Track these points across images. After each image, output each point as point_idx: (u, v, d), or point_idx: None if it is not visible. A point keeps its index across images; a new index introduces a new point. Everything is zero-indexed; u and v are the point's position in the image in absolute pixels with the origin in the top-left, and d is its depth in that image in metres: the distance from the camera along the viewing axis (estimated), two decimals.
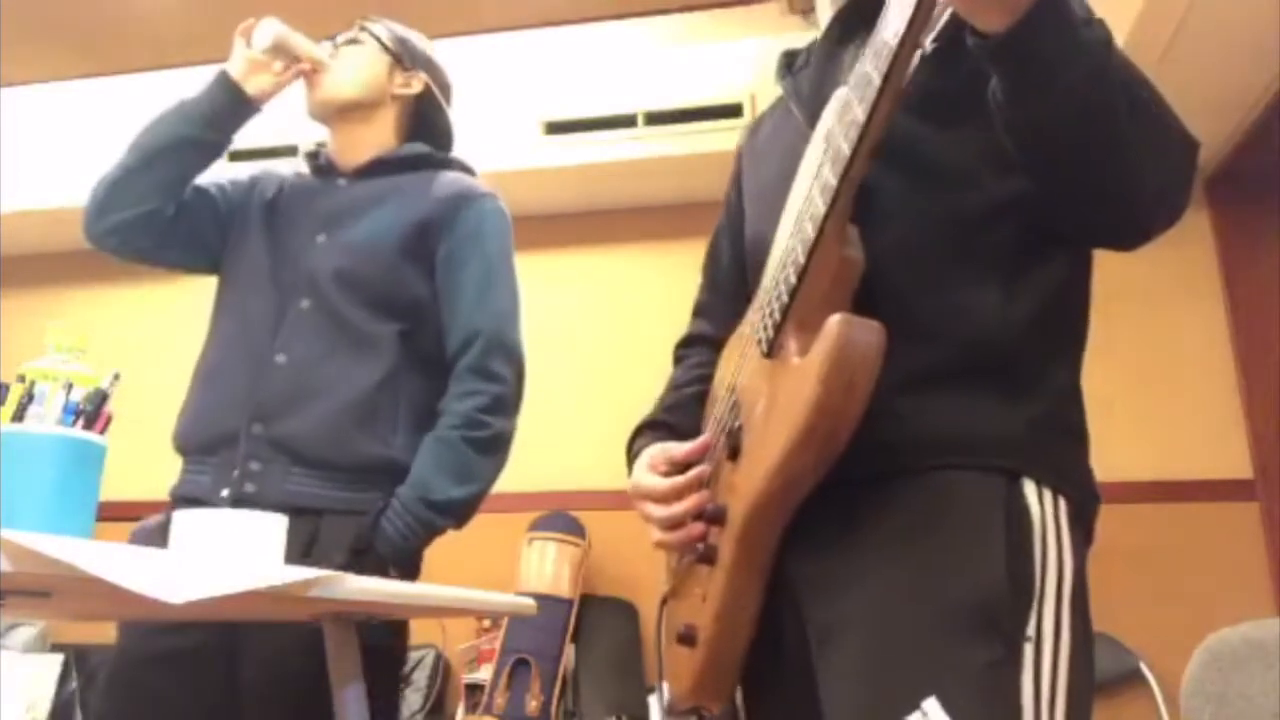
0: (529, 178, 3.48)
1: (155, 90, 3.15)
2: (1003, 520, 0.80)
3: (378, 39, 1.66)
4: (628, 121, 3.32)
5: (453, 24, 2.99)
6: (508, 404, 1.54)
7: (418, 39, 1.73)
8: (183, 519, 0.95)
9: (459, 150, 1.82)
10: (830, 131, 0.83)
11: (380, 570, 1.39)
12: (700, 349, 1.19)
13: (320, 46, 1.64)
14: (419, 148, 1.68)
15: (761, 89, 3.21)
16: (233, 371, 1.51)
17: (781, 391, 0.83)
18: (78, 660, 3.16)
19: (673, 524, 0.96)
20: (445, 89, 1.77)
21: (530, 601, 1.38)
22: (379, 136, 1.66)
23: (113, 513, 1.49)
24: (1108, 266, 0.97)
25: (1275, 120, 2.74)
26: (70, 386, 0.93)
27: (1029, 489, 0.82)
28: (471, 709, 3.08)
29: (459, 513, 1.48)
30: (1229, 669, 1.58)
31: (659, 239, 3.68)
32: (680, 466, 0.99)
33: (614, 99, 3.33)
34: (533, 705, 2.97)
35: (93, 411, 0.92)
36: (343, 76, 1.62)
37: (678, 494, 0.96)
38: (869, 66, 0.75)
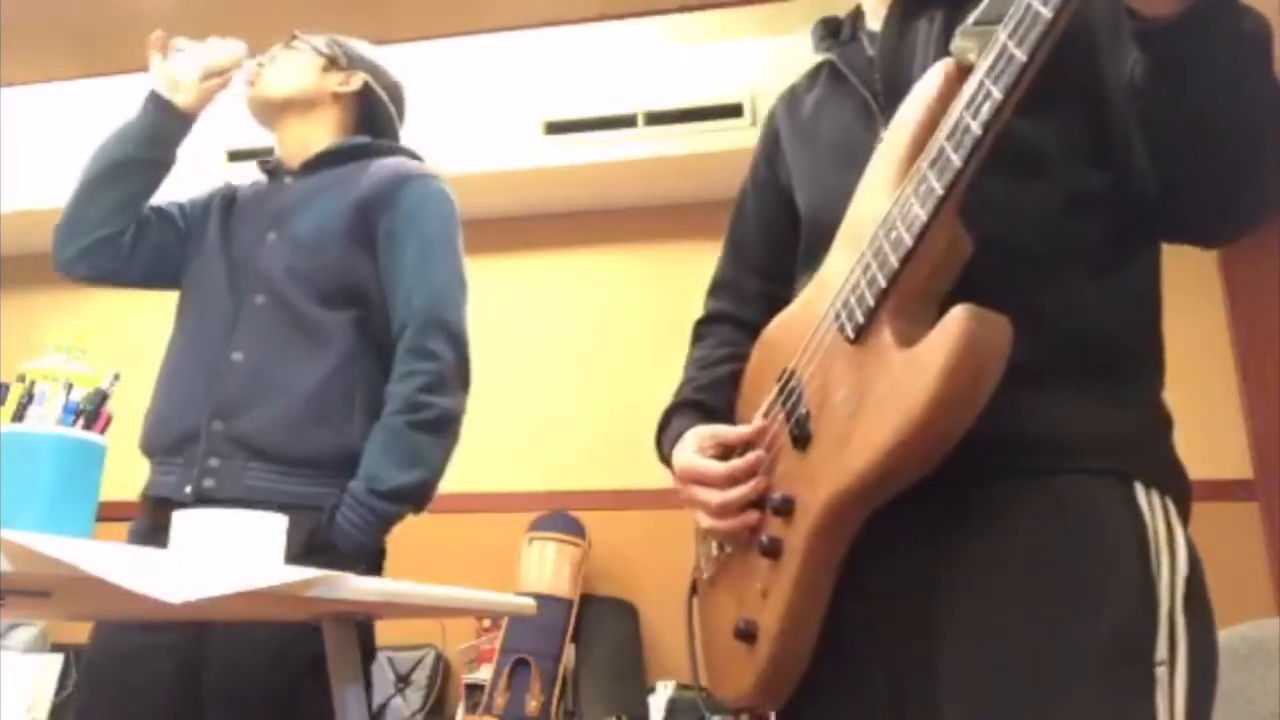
0: (529, 178, 3.48)
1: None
2: (1129, 533, 0.77)
3: (311, 45, 1.68)
4: (628, 121, 3.31)
5: (453, 24, 2.99)
6: (449, 382, 1.52)
7: (358, 44, 1.74)
8: (183, 519, 0.95)
9: (459, 150, 1.81)
10: (930, 115, 0.80)
11: (339, 566, 1.39)
12: (723, 327, 1.14)
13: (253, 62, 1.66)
14: (360, 139, 1.68)
15: (762, 89, 3.21)
16: (192, 372, 1.53)
17: (881, 382, 0.78)
18: (78, 660, 3.16)
19: (726, 511, 0.91)
20: (392, 89, 1.74)
21: (530, 601, 1.38)
22: (322, 134, 1.66)
23: (113, 513, 1.49)
24: None
25: None
26: (70, 386, 0.93)
27: (1140, 493, 0.79)
28: (471, 709, 3.08)
29: (412, 497, 1.48)
30: (1229, 669, 1.58)
31: (659, 239, 3.68)
32: (731, 450, 0.94)
33: (614, 99, 3.32)
34: (533, 705, 2.97)
35: (93, 411, 0.92)
36: (276, 75, 1.65)
37: (733, 479, 0.91)
38: (1008, 39, 0.70)
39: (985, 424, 0.75)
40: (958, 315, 0.72)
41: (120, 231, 1.62)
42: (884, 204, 0.82)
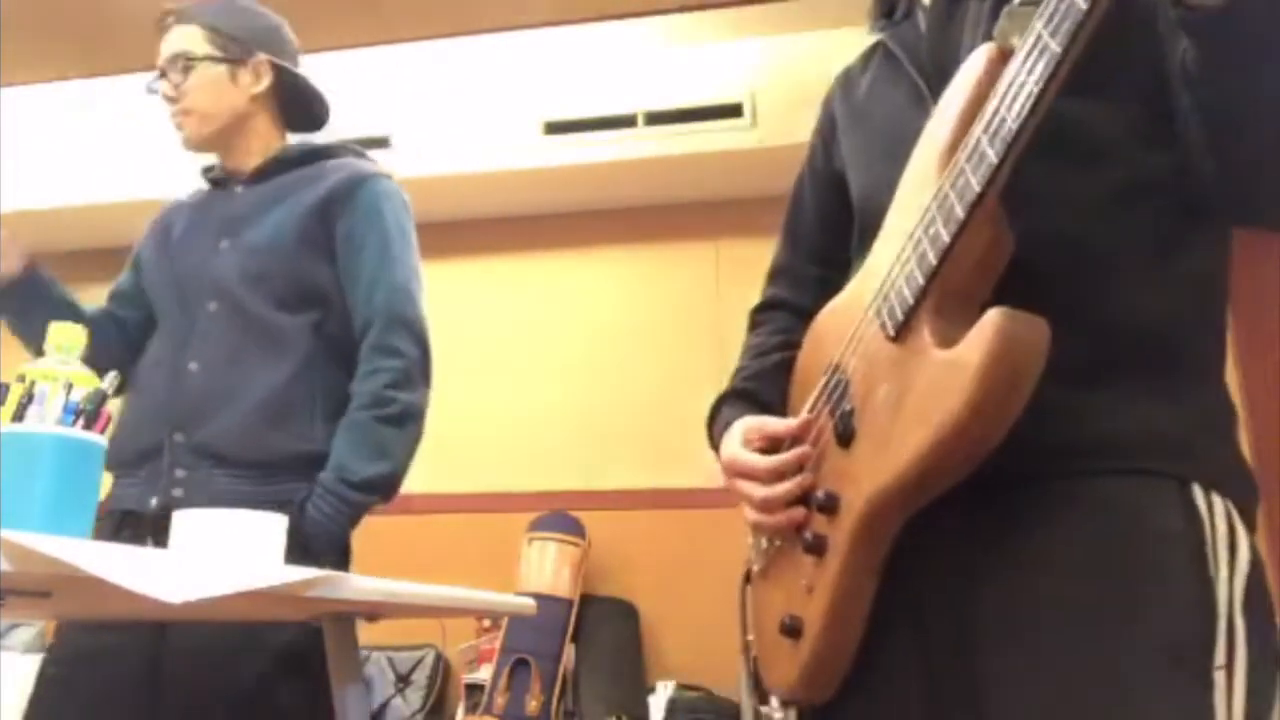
0: (529, 178, 3.48)
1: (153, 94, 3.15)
2: (1183, 538, 0.75)
3: (206, 56, 1.60)
4: (628, 121, 3.31)
5: (453, 24, 2.99)
6: (413, 377, 1.55)
7: (236, 13, 1.65)
8: (183, 519, 0.95)
9: (459, 150, 1.81)
10: (973, 102, 0.78)
11: (312, 560, 1.40)
12: (779, 314, 1.12)
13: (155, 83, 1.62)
14: (308, 143, 1.69)
15: (762, 89, 3.21)
16: (151, 385, 1.54)
17: (920, 382, 0.77)
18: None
19: (770, 506, 0.91)
20: (286, 47, 1.69)
21: (530, 601, 1.38)
22: (262, 139, 1.66)
23: None
24: None
25: None
26: (70, 386, 0.92)
27: (1198, 497, 0.77)
28: (471, 709, 3.08)
29: (381, 488, 1.50)
30: None
31: (659, 239, 3.68)
32: (777, 443, 0.93)
33: (614, 99, 3.32)
34: (533, 705, 2.97)
35: (93, 411, 0.92)
36: (196, 115, 1.61)
37: (779, 474, 0.90)
38: (1043, 29, 0.68)
39: (1035, 425, 0.73)
40: (993, 317, 0.70)
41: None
42: (926, 196, 0.80)
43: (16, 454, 0.85)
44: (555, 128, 3.37)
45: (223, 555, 0.92)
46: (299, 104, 1.71)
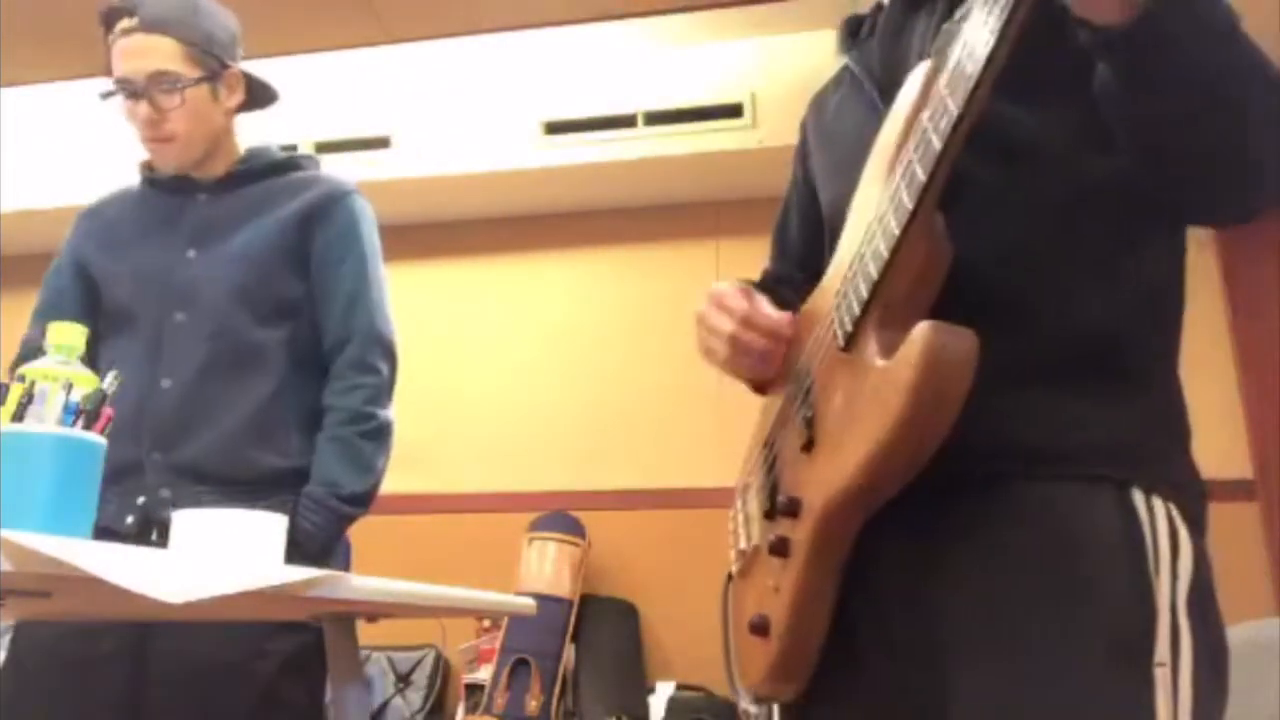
0: (529, 178, 3.48)
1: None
2: (1120, 539, 0.76)
3: (196, 80, 1.53)
4: (628, 121, 3.31)
5: (453, 24, 2.99)
6: (385, 394, 1.58)
7: (203, 19, 1.56)
8: (183, 519, 0.95)
9: (459, 150, 1.81)
10: (911, 115, 0.79)
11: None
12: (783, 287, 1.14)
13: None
14: (272, 154, 1.67)
15: (762, 89, 3.21)
16: (120, 398, 1.51)
17: (862, 392, 0.79)
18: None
19: (741, 349, 0.96)
20: (236, 40, 1.62)
21: (530, 601, 1.38)
22: (228, 148, 1.64)
23: None
24: None
25: None
26: (70, 386, 0.92)
27: (1138, 499, 0.78)
28: (471, 709, 3.08)
29: (365, 502, 1.53)
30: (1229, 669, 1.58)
31: (659, 239, 3.68)
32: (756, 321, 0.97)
33: (614, 99, 3.33)
34: (533, 705, 2.97)
35: (93, 411, 0.92)
36: (183, 140, 1.55)
37: (750, 322, 0.96)
38: (962, 53, 0.70)
39: (979, 430, 0.75)
40: (921, 331, 0.72)
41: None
42: (872, 210, 0.83)
43: (16, 454, 0.85)
44: (555, 128, 3.37)
45: (223, 555, 0.92)
46: (255, 100, 1.68)
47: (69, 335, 0.97)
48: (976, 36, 0.68)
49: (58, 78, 3.30)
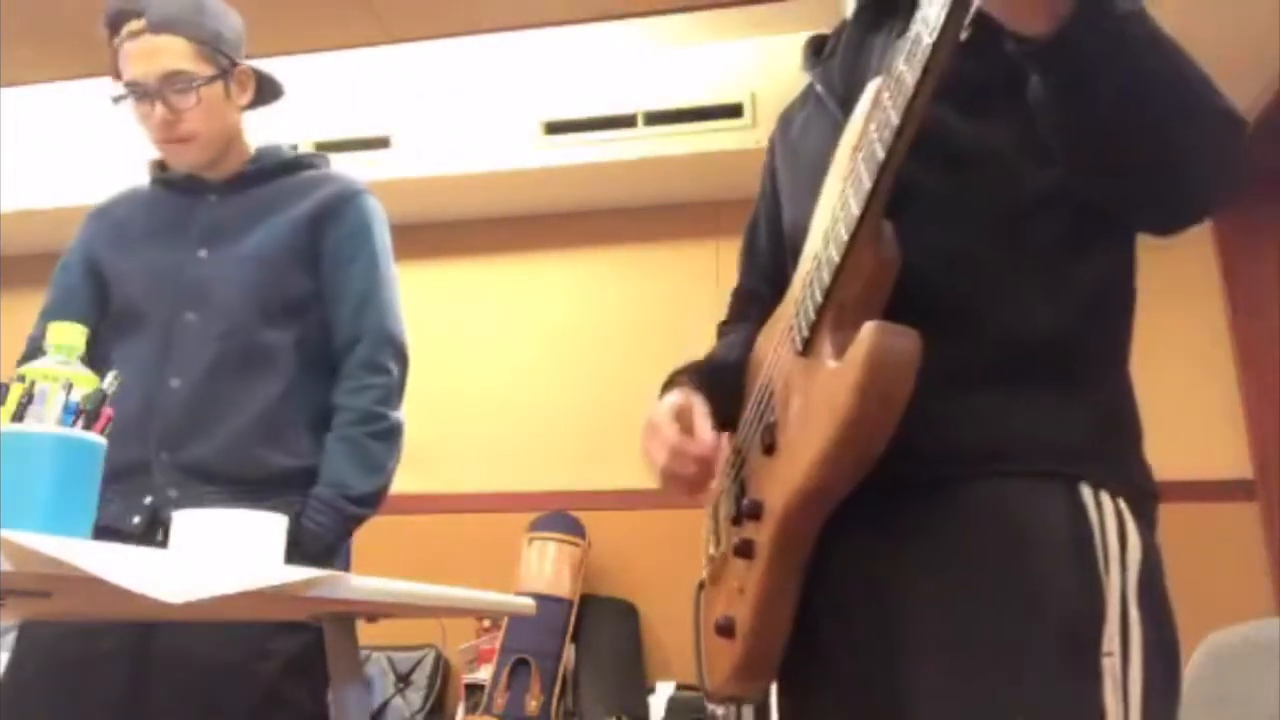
0: (529, 178, 3.48)
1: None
2: (1067, 533, 0.78)
3: (209, 78, 1.52)
4: (628, 121, 3.32)
5: (453, 24, 2.99)
6: (396, 394, 1.57)
7: (212, 18, 1.55)
8: (183, 519, 0.95)
9: (459, 150, 1.80)
10: (863, 128, 0.81)
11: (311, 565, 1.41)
12: (739, 324, 1.18)
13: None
14: (283, 153, 1.66)
15: (762, 89, 3.21)
16: (126, 399, 1.48)
17: (816, 394, 0.82)
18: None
19: (672, 478, 1.00)
20: (242, 37, 1.62)
21: (530, 601, 1.38)
22: (239, 146, 1.64)
23: None
24: None
25: (1275, 120, 2.75)
26: (70, 386, 0.92)
27: (1086, 494, 0.80)
28: (471, 709, 3.08)
29: (374, 503, 1.52)
30: (1229, 669, 1.58)
31: (659, 239, 3.69)
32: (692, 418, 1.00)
33: (614, 99, 3.32)
34: (533, 705, 2.97)
35: (93, 411, 0.92)
36: (201, 140, 1.55)
37: (680, 452, 0.98)
38: (903, 65, 0.73)
39: (929, 432, 0.79)
40: (867, 331, 0.75)
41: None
42: (829, 217, 0.86)
43: (16, 454, 0.85)
44: (555, 128, 3.37)
45: (223, 555, 0.92)
46: (263, 97, 1.68)
47: (69, 335, 0.97)
48: (916, 50, 0.71)
49: (58, 78, 3.30)
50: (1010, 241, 0.85)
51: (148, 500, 1.44)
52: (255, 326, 1.51)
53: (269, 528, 0.97)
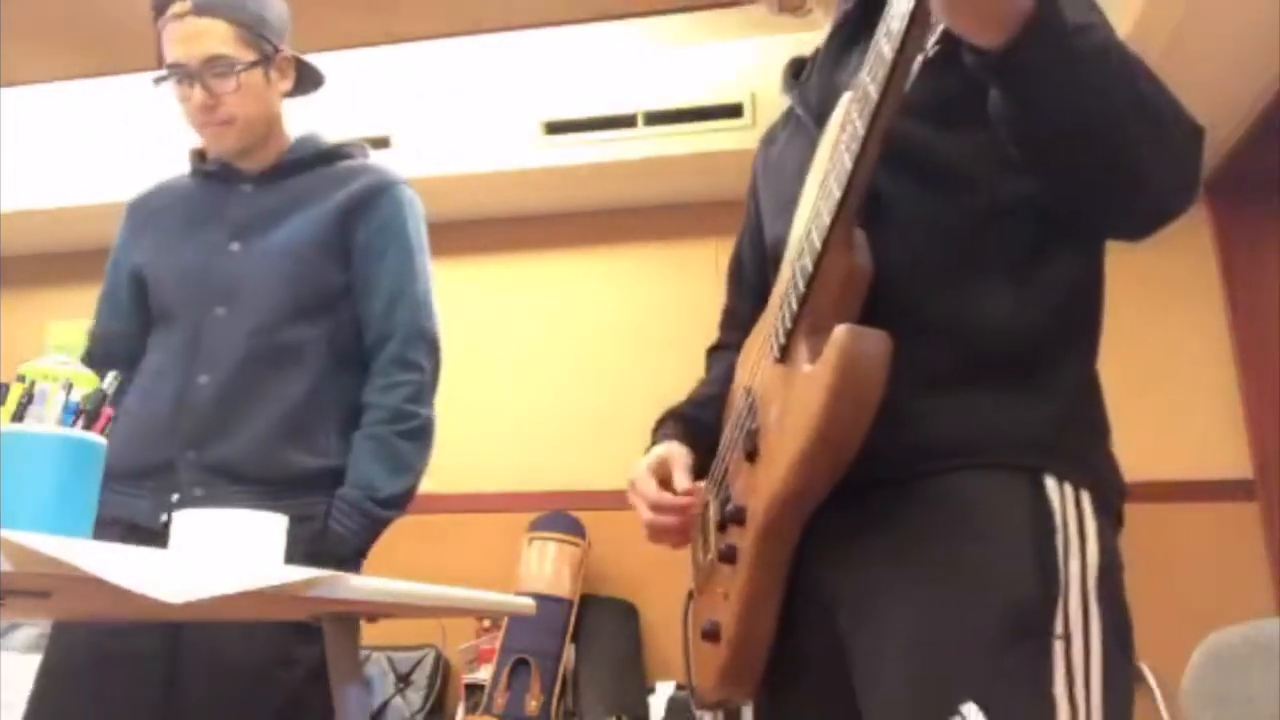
0: (529, 178, 3.48)
1: (155, 90, 3.15)
2: (1026, 520, 0.80)
3: (250, 63, 1.51)
4: (628, 121, 3.31)
5: (453, 24, 2.99)
6: (428, 391, 1.56)
7: (255, 3, 1.54)
8: (183, 519, 0.95)
9: (459, 150, 1.79)
10: (835, 140, 0.83)
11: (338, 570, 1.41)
12: (725, 353, 1.21)
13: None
14: (317, 141, 1.63)
15: (761, 89, 3.21)
16: (157, 397, 1.48)
17: (792, 398, 0.84)
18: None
19: (656, 530, 1.06)
20: (286, 23, 1.60)
21: (530, 601, 1.38)
22: (279, 136, 1.61)
23: None
24: (1107, 266, 0.97)
25: (1275, 120, 2.74)
26: (70, 386, 0.93)
27: (1050, 484, 0.82)
28: (471, 709, 3.08)
29: (402, 504, 1.50)
30: (1229, 669, 1.58)
31: (659, 239, 3.68)
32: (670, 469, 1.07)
33: (614, 99, 3.32)
34: (533, 705, 2.97)
35: (93, 411, 0.92)
36: (240, 123, 1.54)
37: (659, 507, 1.04)
38: (866, 78, 0.75)
39: (902, 430, 0.82)
40: (837, 334, 0.77)
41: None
42: (803, 230, 0.88)
43: (16, 454, 0.85)
44: (555, 128, 3.37)
45: (223, 555, 0.92)
46: (303, 85, 1.66)
47: (69, 335, 0.97)
48: (879, 63, 0.73)
49: (58, 78, 3.31)
50: (977, 247, 0.88)
51: (175, 498, 1.42)
52: (285, 322, 1.49)
53: (268, 528, 0.97)
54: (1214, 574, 2.88)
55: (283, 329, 1.49)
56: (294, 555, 1.36)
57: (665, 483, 1.06)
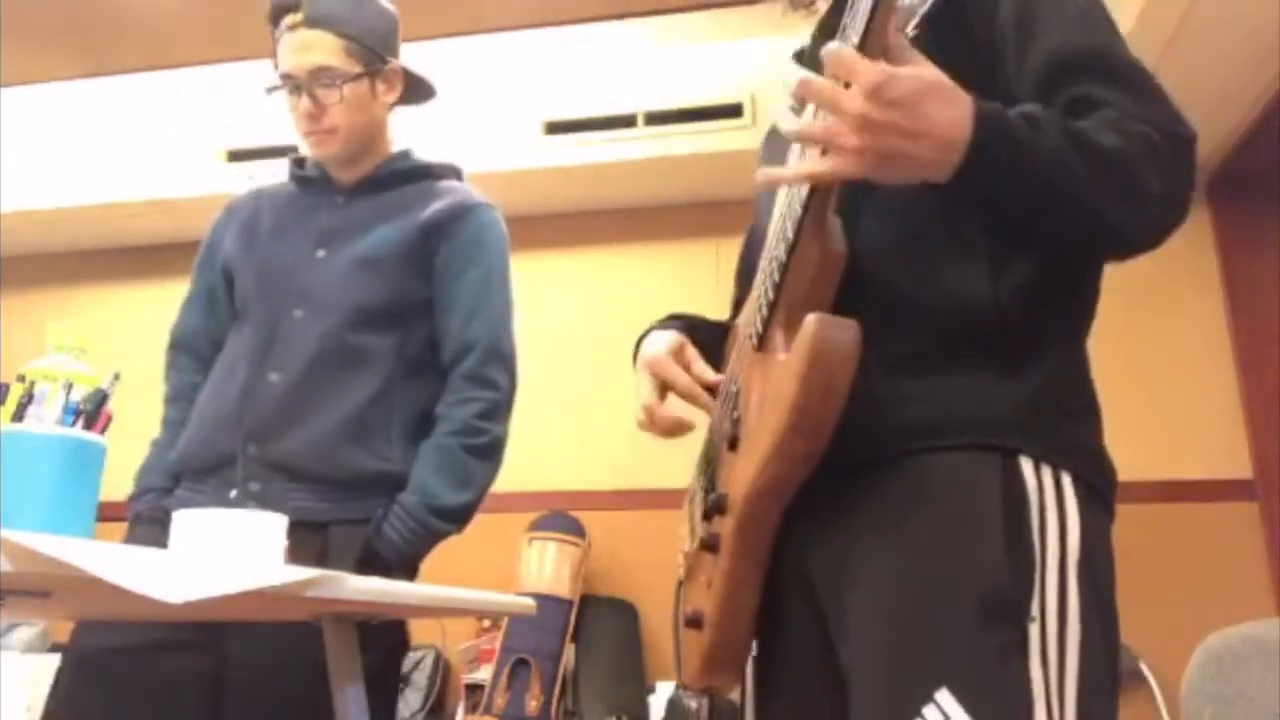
0: (529, 178, 3.48)
1: (155, 90, 3.15)
2: (999, 501, 0.80)
3: (356, 75, 1.55)
4: (628, 121, 3.31)
5: (453, 24, 2.99)
6: (503, 410, 1.58)
7: (366, 17, 1.58)
8: (183, 519, 0.95)
9: (459, 150, 1.80)
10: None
11: (387, 576, 1.40)
12: None
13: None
14: (415, 160, 1.67)
15: (762, 89, 3.22)
16: (226, 391, 1.50)
17: (769, 387, 0.85)
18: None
19: (663, 421, 1.05)
20: (396, 31, 1.63)
21: (530, 601, 1.38)
22: (382, 146, 1.65)
23: (113, 513, 1.49)
24: (1107, 266, 0.97)
25: (1275, 120, 2.75)
26: (70, 386, 0.93)
27: (1026, 466, 0.81)
28: (471, 709, 3.08)
29: (460, 518, 1.50)
30: (1229, 669, 1.58)
31: (659, 239, 3.68)
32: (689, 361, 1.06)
33: (614, 99, 3.33)
34: (532, 705, 2.97)
35: (93, 411, 0.92)
36: (343, 133, 1.57)
37: (693, 394, 1.04)
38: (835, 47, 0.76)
39: (880, 413, 0.83)
40: (807, 323, 0.79)
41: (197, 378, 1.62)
42: (779, 221, 0.90)
43: (16, 454, 0.85)
44: (555, 128, 3.37)
45: (223, 555, 0.92)
46: (412, 95, 1.69)
47: (69, 335, 0.97)
48: (851, 26, 0.75)
49: (58, 78, 3.31)
50: (952, 230, 0.87)
51: (233, 494, 1.43)
52: (358, 327, 1.50)
53: (268, 528, 0.97)
54: (1214, 574, 2.88)
55: (353, 333, 1.50)
56: (346, 557, 1.36)
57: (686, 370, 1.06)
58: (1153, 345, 3.11)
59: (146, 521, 1.48)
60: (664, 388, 1.06)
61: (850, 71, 0.73)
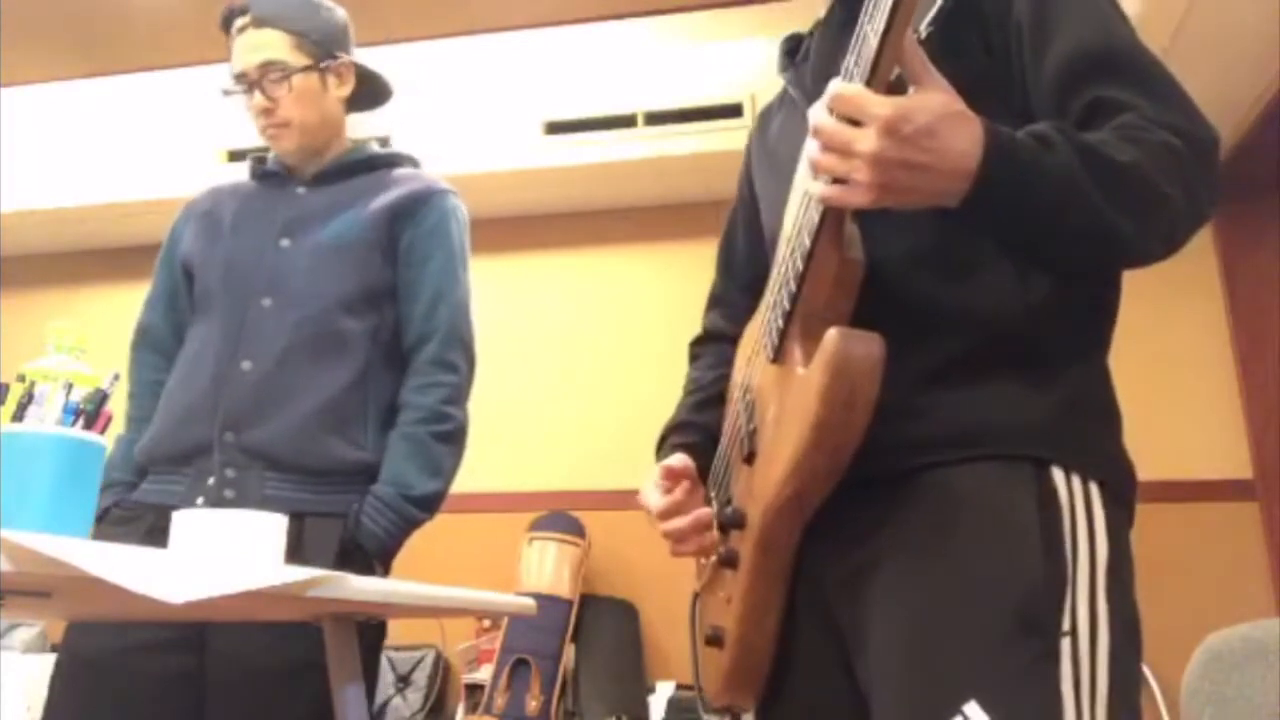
0: (529, 178, 3.48)
1: (155, 90, 3.15)
2: (1033, 512, 0.78)
3: (303, 67, 1.57)
4: (628, 121, 3.32)
5: (453, 24, 2.99)
6: (464, 394, 1.58)
7: (313, 13, 1.62)
8: (183, 519, 0.95)
9: (459, 150, 1.80)
10: None
11: (367, 570, 1.40)
12: (716, 345, 1.19)
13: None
14: (373, 150, 1.69)
15: (762, 89, 3.21)
16: (196, 381, 1.51)
17: (788, 401, 0.83)
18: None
19: (678, 538, 1.01)
20: (345, 30, 1.67)
21: (530, 601, 1.38)
22: (332, 139, 1.66)
23: None
24: None
25: (1275, 121, 2.75)
26: (70, 386, 0.93)
27: (1057, 476, 0.80)
28: (471, 709, 3.08)
29: (434, 506, 1.51)
30: (1229, 669, 1.58)
31: (659, 239, 3.68)
32: (677, 479, 1.04)
33: (614, 99, 3.33)
34: (533, 705, 2.97)
35: (93, 411, 0.92)
36: (297, 127, 1.59)
37: (675, 511, 1.02)
38: (853, 64, 0.75)
39: (906, 425, 0.81)
40: (828, 338, 0.76)
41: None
42: (794, 224, 0.87)
43: (16, 454, 0.85)
44: (555, 128, 3.37)
45: (223, 555, 0.92)
46: (368, 93, 1.71)
47: (69, 335, 0.97)
48: (866, 46, 0.73)
49: (58, 78, 3.31)
50: (976, 241, 0.86)
51: (210, 481, 1.43)
52: (331, 314, 1.51)
53: (269, 528, 0.97)
54: (1214, 574, 2.88)
55: (329, 320, 1.51)
56: (323, 552, 1.37)
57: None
58: (1153, 345, 3.11)
59: (114, 521, 1.48)
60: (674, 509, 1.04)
61: (859, 111, 0.73)
